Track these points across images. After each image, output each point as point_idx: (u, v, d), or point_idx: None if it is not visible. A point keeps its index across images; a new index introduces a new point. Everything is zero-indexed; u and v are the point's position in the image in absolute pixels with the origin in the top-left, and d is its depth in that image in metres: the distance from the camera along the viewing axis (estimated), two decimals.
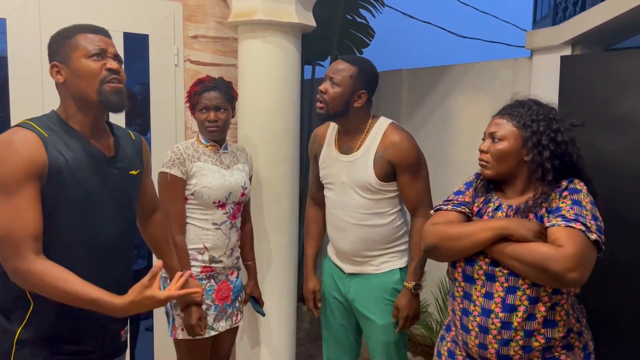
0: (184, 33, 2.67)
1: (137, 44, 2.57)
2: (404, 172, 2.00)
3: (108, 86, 1.44)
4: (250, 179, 2.32)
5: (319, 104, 2.02)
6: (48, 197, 1.37)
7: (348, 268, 2.14)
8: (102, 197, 1.49)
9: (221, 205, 2.15)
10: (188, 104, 2.20)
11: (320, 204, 2.27)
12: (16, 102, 2.33)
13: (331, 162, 2.13)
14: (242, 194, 2.21)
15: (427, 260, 2.05)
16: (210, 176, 2.11)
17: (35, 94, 2.36)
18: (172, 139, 2.66)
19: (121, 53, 2.50)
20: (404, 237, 2.13)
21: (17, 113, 2.33)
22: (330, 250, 2.25)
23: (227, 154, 2.24)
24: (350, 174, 2.04)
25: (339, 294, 2.18)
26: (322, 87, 2.01)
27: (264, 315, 2.41)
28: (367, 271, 2.10)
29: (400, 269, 2.09)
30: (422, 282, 2.09)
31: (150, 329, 3.33)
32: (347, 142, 2.08)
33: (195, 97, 2.14)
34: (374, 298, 2.09)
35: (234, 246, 2.23)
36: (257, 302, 2.37)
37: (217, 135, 2.16)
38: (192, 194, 2.11)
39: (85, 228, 1.46)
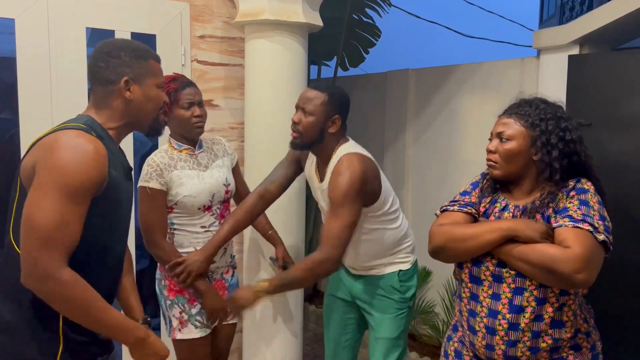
0: (191, 33, 2.68)
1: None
2: (329, 207, 1.92)
3: (159, 117, 1.54)
4: (236, 168, 2.27)
5: (293, 134, 2.00)
6: (100, 208, 1.37)
7: (353, 271, 2.21)
8: (128, 208, 1.53)
9: (207, 208, 2.12)
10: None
11: (268, 200, 2.18)
12: (25, 102, 2.35)
13: (314, 187, 2.15)
14: (226, 192, 2.17)
15: (294, 287, 2.06)
16: (189, 184, 2.06)
17: (44, 94, 2.37)
18: None
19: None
20: (403, 242, 2.14)
21: (26, 113, 2.35)
22: None
23: (203, 152, 2.17)
24: (324, 201, 2.05)
25: (344, 292, 2.24)
26: (294, 118, 1.99)
27: None
28: (371, 274, 2.16)
29: (400, 270, 2.13)
30: (428, 282, 2.09)
31: (157, 327, 3.34)
32: (322, 168, 2.07)
33: (175, 94, 2.04)
34: (374, 294, 2.15)
35: (226, 246, 2.20)
36: (290, 265, 2.32)
37: (202, 131, 2.11)
38: (175, 204, 2.07)
39: (117, 238, 1.50)
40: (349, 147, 2.00)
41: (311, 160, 2.15)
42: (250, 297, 1.94)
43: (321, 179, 2.07)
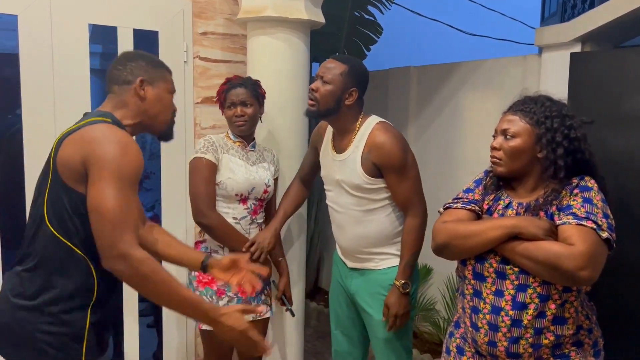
0: (194, 30, 2.68)
1: (146, 41, 2.59)
2: (389, 174, 2.00)
3: (172, 120, 1.68)
4: (276, 180, 2.38)
5: (310, 102, 2.04)
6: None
7: (350, 263, 2.19)
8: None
9: (243, 199, 2.20)
10: (218, 104, 2.29)
11: (307, 185, 2.38)
12: (28, 98, 2.35)
13: (327, 161, 2.17)
14: (265, 191, 2.27)
15: (417, 258, 2.08)
16: (236, 169, 2.19)
17: (47, 90, 2.37)
18: (181, 136, 2.66)
19: (131, 49, 2.52)
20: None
21: (29, 109, 2.35)
22: (337, 245, 2.30)
23: (254, 152, 2.30)
24: (343, 172, 2.07)
25: (344, 288, 2.23)
26: (313, 86, 2.03)
27: (293, 315, 2.42)
28: (368, 267, 2.13)
29: (399, 266, 2.09)
30: (429, 280, 2.10)
31: (152, 325, 3.35)
32: (340, 141, 2.11)
33: (223, 94, 2.23)
34: (372, 293, 2.11)
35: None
36: (288, 301, 2.38)
37: (244, 129, 2.22)
38: (217, 184, 2.17)
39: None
40: (377, 118, 2.08)
41: (327, 139, 2.19)
42: (401, 300, 2.02)
43: (339, 151, 2.10)
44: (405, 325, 2.10)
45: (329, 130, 2.19)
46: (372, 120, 2.06)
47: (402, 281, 2.03)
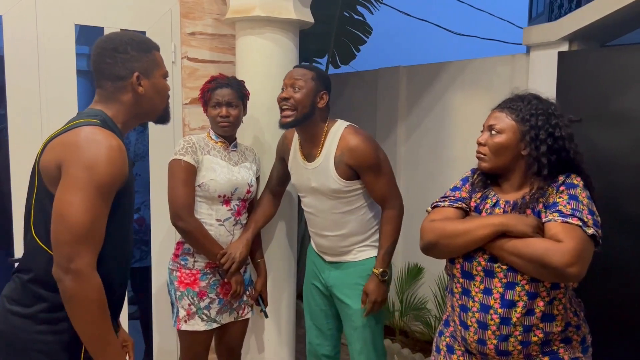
0: (182, 30, 2.67)
1: None
2: (365, 173, 2.07)
3: (168, 103, 1.60)
4: (257, 179, 2.37)
5: (287, 112, 2.05)
6: (120, 204, 1.39)
7: (328, 257, 2.25)
8: (134, 202, 1.54)
9: (226, 201, 2.19)
10: (201, 102, 2.25)
11: (278, 196, 2.40)
12: (13, 99, 2.32)
13: (299, 170, 2.20)
14: (248, 191, 2.25)
15: (395, 247, 2.14)
16: (218, 170, 2.16)
17: (32, 91, 2.35)
18: (170, 136, 2.65)
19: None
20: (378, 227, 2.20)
21: (15, 110, 2.33)
22: (312, 241, 2.35)
23: (236, 152, 2.29)
24: (317, 180, 2.11)
25: (320, 281, 2.28)
26: (283, 95, 2.06)
27: (267, 316, 2.44)
28: (346, 259, 2.20)
29: (376, 257, 2.17)
30: (420, 279, 2.12)
31: (141, 327, 3.31)
32: (309, 149, 2.15)
33: (208, 93, 2.20)
34: (350, 283, 2.18)
35: None
36: (263, 301, 2.39)
37: (228, 130, 2.21)
38: (198, 186, 2.15)
39: (128, 232, 1.50)
40: (345, 122, 2.13)
41: (294, 149, 2.23)
42: (380, 287, 2.11)
43: (309, 160, 2.14)
44: (379, 312, 2.19)
45: (295, 139, 2.22)
46: (341, 125, 2.12)
47: (381, 269, 2.11)
